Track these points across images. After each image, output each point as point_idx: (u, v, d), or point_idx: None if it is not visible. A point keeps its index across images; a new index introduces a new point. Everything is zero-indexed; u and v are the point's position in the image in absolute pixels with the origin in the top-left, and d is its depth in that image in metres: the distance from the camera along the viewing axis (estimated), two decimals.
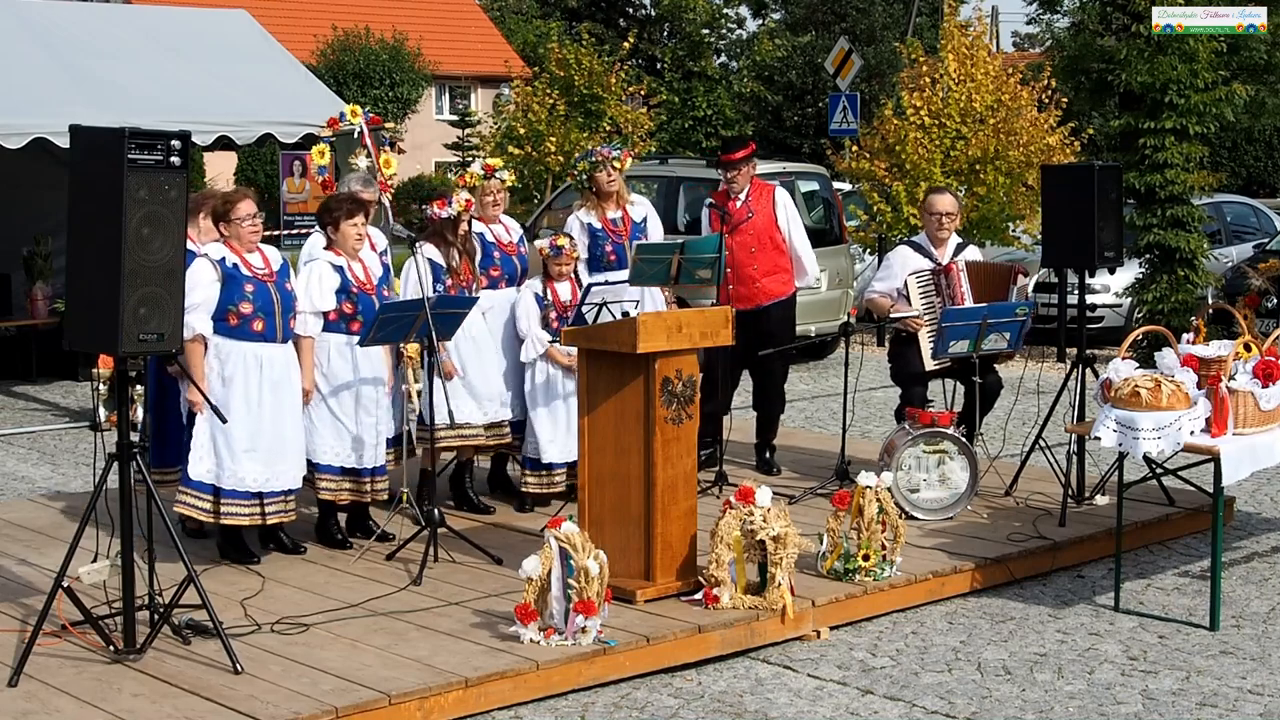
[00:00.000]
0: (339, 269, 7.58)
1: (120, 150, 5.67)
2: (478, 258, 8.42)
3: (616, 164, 9.06)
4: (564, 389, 8.29)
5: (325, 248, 7.70)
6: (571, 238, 8.55)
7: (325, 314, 7.56)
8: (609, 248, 9.04)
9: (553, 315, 8.28)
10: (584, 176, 9.17)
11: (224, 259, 7.20)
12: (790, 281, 9.37)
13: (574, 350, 8.16)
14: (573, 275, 8.46)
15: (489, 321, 8.36)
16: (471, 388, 8.15)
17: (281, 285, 7.32)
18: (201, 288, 7.07)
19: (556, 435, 8.32)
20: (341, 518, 7.92)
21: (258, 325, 7.20)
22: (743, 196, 9.24)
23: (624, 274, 8.84)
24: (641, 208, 9.31)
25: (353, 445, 7.64)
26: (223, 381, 7.16)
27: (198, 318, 7.04)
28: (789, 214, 9.36)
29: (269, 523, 7.42)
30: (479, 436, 8.31)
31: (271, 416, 7.25)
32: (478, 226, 8.52)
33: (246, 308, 7.18)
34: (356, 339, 7.53)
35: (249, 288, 7.19)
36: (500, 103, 27.31)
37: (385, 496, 7.91)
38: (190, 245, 7.53)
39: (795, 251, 9.36)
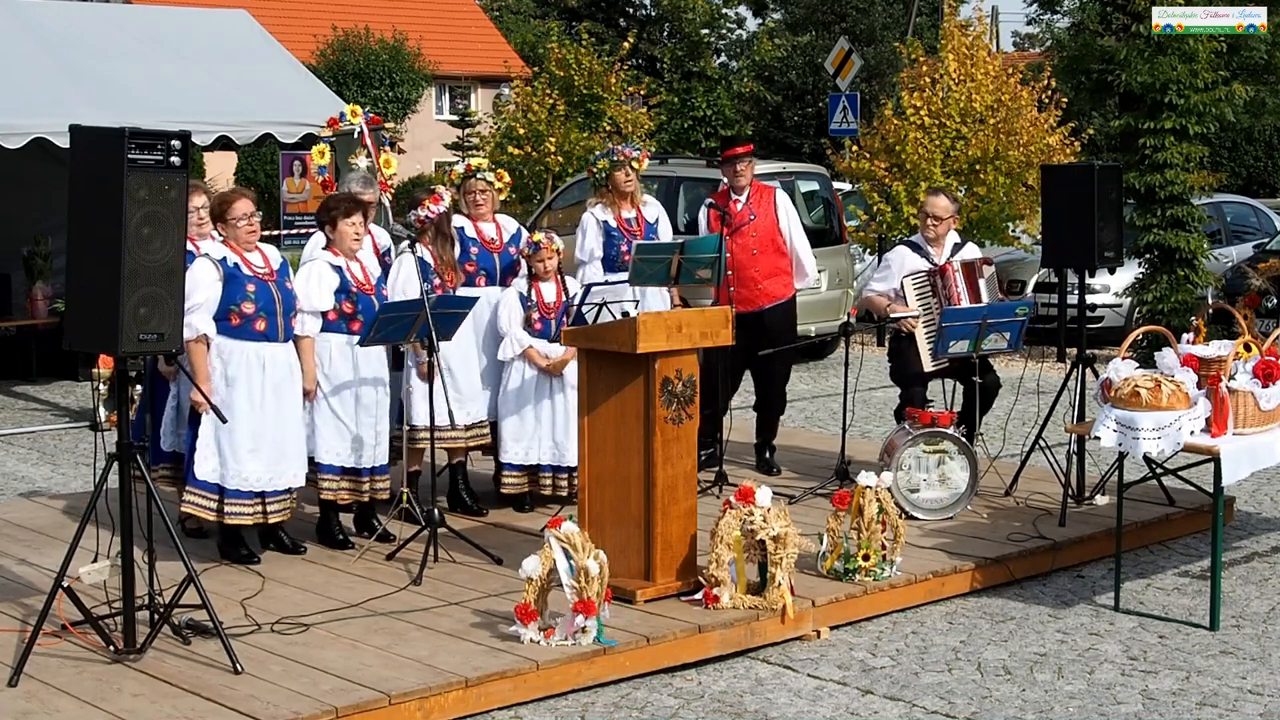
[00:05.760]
0: (337, 269, 7.59)
1: (120, 150, 5.66)
2: (456, 253, 8.39)
3: (636, 164, 9.09)
4: (537, 392, 8.25)
5: (325, 248, 7.71)
6: (550, 235, 8.46)
7: (325, 314, 7.56)
8: (624, 247, 9.04)
9: (535, 316, 8.26)
10: (602, 174, 9.18)
11: (225, 259, 7.21)
12: (790, 284, 9.38)
13: (552, 353, 8.19)
14: (558, 275, 8.41)
15: (471, 320, 8.32)
16: (455, 388, 8.01)
17: (282, 284, 7.33)
18: (203, 288, 7.08)
19: (522, 437, 8.27)
20: (346, 517, 7.92)
21: (260, 325, 7.21)
22: (743, 198, 9.25)
23: (618, 274, 8.85)
24: (654, 208, 9.34)
25: (353, 445, 7.63)
26: (226, 381, 7.17)
27: (200, 318, 7.06)
28: (789, 216, 9.37)
29: (271, 521, 7.43)
30: (458, 439, 8.19)
31: (274, 416, 7.26)
32: (460, 220, 8.49)
33: (249, 307, 7.18)
34: (357, 339, 7.54)
35: (250, 287, 7.20)
36: (500, 103, 27.31)
37: (386, 495, 7.89)
38: (189, 245, 7.56)
39: (795, 253, 9.37)
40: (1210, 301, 14.78)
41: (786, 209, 9.39)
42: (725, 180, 9.36)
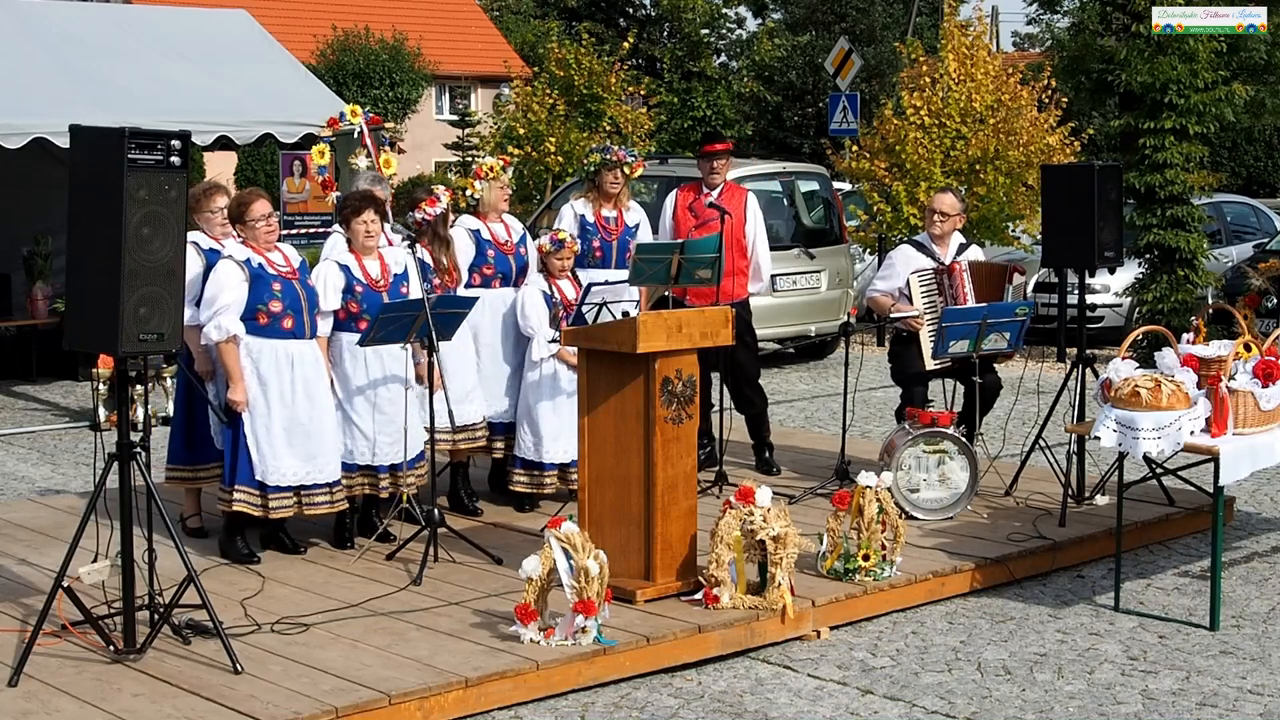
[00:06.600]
0: (345, 268, 7.61)
1: (120, 150, 5.66)
2: (471, 255, 8.39)
3: (627, 169, 9.11)
4: (570, 388, 8.22)
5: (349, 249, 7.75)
6: (573, 235, 8.49)
7: (336, 313, 7.58)
8: (596, 243, 9.08)
9: (561, 314, 8.24)
10: (592, 168, 9.19)
11: (249, 259, 7.26)
12: (745, 285, 9.42)
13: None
14: (570, 272, 8.44)
15: (484, 321, 8.31)
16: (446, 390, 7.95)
17: (305, 282, 7.41)
18: (230, 289, 7.17)
19: (560, 435, 8.22)
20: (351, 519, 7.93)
21: (287, 323, 7.28)
22: (715, 194, 9.28)
23: (618, 274, 8.85)
24: (637, 213, 9.37)
25: (366, 442, 7.63)
26: (258, 381, 7.21)
27: (229, 319, 7.15)
28: (757, 219, 9.48)
29: (316, 514, 7.46)
30: (445, 441, 8.07)
31: (307, 412, 7.33)
32: (474, 223, 8.49)
33: (276, 306, 7.24)
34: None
35: (277, 286, 7.27)
36: (500, 103, 27.27)
37: (414, 491, 7.82)
38: (213, 244, 7.58)
39: (756, 257, 9.45)
40: (1210, 301, 14.78)
41: (755, 212, 9.47)
42: (704, 173, 9.41)
